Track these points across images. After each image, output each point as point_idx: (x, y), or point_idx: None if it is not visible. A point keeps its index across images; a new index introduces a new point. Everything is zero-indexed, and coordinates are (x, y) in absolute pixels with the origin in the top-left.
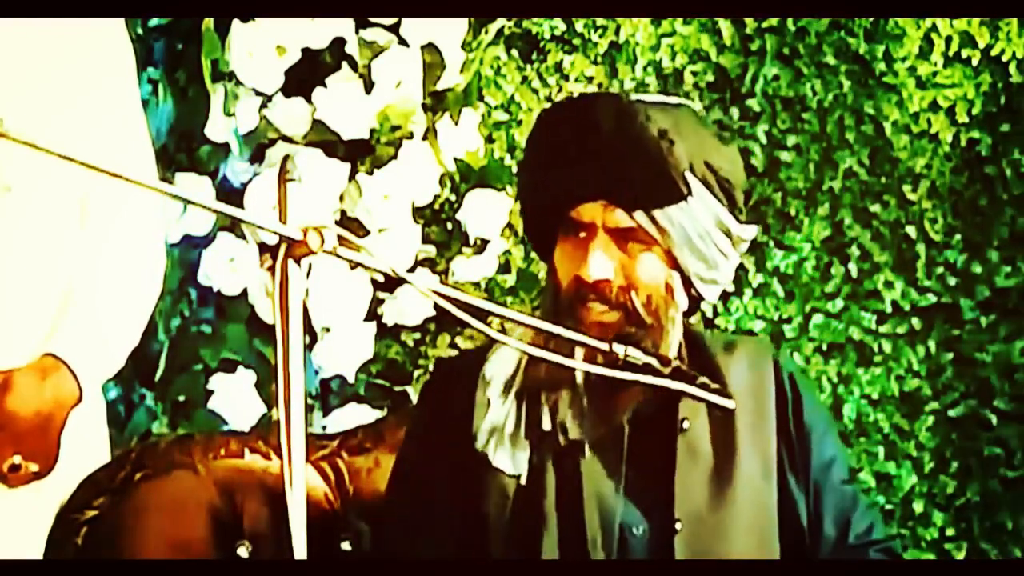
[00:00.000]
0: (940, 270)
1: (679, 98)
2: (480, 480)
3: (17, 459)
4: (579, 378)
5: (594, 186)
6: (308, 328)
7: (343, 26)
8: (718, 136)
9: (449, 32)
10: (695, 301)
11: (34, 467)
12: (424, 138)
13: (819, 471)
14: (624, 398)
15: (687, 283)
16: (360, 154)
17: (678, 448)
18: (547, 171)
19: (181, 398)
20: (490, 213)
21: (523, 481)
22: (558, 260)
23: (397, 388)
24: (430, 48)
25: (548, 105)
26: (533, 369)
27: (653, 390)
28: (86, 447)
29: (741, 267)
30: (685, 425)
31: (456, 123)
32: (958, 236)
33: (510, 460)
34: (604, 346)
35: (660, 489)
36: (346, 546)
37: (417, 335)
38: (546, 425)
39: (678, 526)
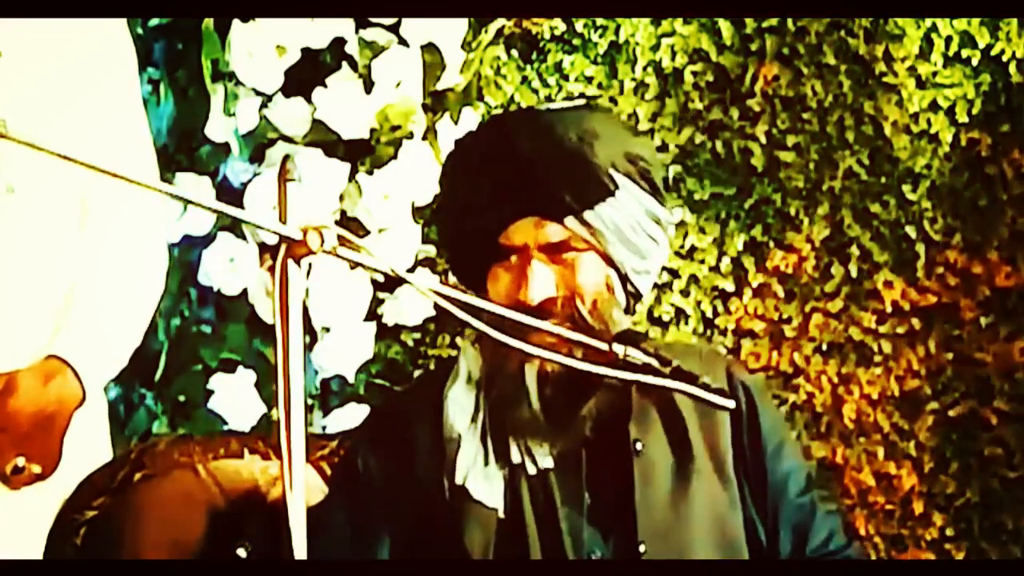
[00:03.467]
0: (940, 270)
1: (581, 100)
2: (460, 514)
3: (20, 460)
4: (534, 399)
5: (521, 204)
6: (308, 328)
7: (343, 26)
8: (631, 130)
9: (449, 32)
10: (632, 298)
11: (37, 468)
12: (424, 138)
13: (775, 485)
14: (581, 412)
15: (623, 279)
16: (360, 154)
17: (635, 471)
18: (468, 201)
19: (181, 398)
20: None
21: (501, 514)
22: (493, 289)
23: (397, 388)
24: (430, 48)
25: (457, 140)
26: (491, 391)
27: (606, 402)
28: (88, 448)
29: (741, 267)
30: (639, 447)
31: (456, 123)
32: (958, 236)
33: (488, 493)
34: (604, 346)
35: (618, 513)
36: None
37: (417, 335)
38: (515, 458)
39: (642, 548)
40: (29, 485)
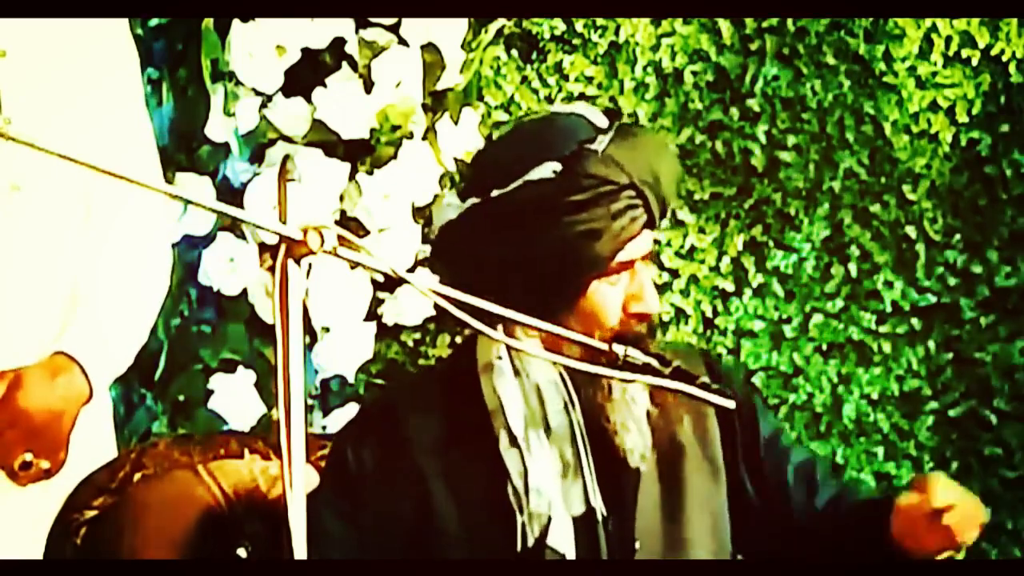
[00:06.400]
0: (940, 270)
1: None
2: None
3: (28, 456)
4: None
5: (646, 219)
6: (308, 328)
7: (343, 26)
8: None
9: (449, 32)
10: None
11: (45, 464)
12: (424, 138)
13: (768, 444)
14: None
15: None
16: (360, 154)
17: (629, 468)
18: (597, 220)
19: (181, 398)
20: None
21: (572, 556)
22: (599, 304)
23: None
24: (430, 48)
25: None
26: (581, 391)
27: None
28: (94, 446)
29: (741, 267)
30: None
31: (456, 123)
32: (958, 236)
33: (564, 540)
34: (604, 346)
35: (613, 511)
36: None
37: (417, 335)
38: (601, 510)
39: (637, 545)
40: (37, 481)
